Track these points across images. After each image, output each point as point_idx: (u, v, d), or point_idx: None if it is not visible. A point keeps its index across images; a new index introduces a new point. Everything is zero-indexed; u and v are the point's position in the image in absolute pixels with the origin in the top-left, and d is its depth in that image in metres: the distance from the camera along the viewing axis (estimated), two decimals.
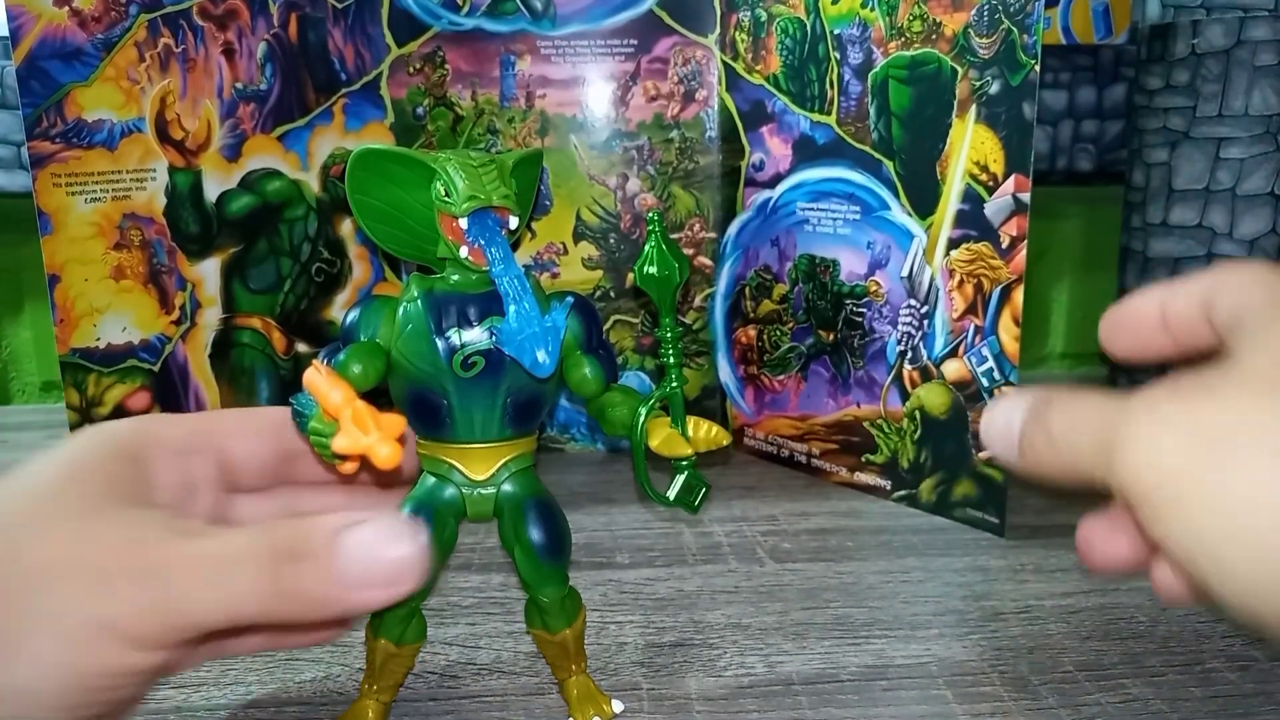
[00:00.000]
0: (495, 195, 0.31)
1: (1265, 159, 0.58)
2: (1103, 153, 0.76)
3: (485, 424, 0.32)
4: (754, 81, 0.56)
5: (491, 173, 0.31)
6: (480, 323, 0.31)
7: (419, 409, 0.32)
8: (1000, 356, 0.47)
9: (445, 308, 0.31)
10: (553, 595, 0.33)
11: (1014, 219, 0.46)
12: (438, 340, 0.31)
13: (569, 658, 0.34)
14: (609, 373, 0.33)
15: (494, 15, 0.58)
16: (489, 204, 0.31)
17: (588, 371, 0.32)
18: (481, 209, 0.31)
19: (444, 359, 0.31)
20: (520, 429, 0.33)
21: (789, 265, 0.57)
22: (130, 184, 0.50)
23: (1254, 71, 0.57)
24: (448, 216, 0.31)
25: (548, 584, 0.33)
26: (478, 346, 0.31)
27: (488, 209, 0.31)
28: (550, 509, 0.33)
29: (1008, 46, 0.45)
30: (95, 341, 0.50)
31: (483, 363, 0.31)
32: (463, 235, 0.31)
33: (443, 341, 0.31)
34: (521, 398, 0.32)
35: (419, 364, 0.31)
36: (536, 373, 0.30)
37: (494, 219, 0.31)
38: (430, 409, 0.32)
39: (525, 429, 0.33)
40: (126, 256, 0.50)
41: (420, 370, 0.31)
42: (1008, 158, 0.45)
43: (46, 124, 0.47)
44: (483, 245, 0.31)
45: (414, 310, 0.31)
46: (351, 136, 0.58)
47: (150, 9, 0.50)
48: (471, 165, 0.31)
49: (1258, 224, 0.58)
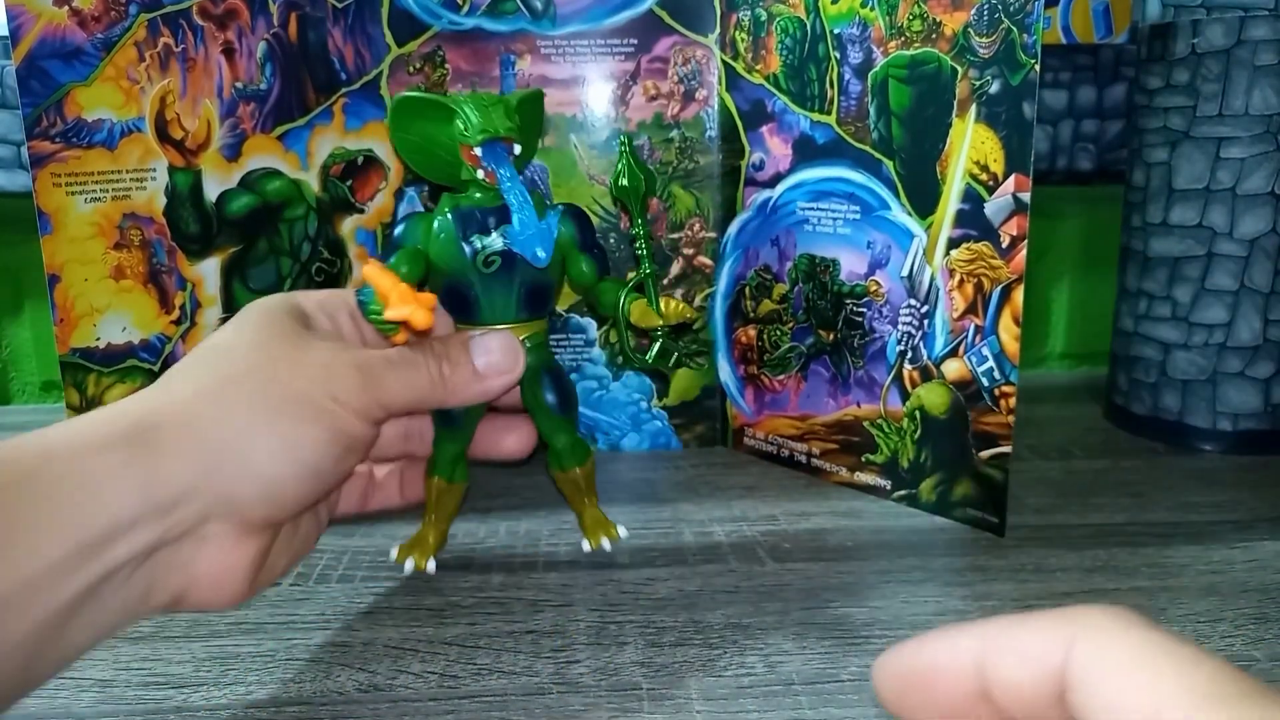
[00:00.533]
0: (502, 128, 0.39)
1: (1265, 159, 0.57)
2: (1103, 152, 0.76)
3: (504, 308, 0.41)
4: (754, 81, 0.56)
5: (499, 109, 0.39)
6: (496, 230, 0.40)
7: (452, 298, 0.41)
8: (1000, 356, 0.47)
9: (469, 219, 0.40)
10: (564, 441, 0.44)
11: (1014, 219, 0.46)
12: (464, 245, 0.40)
13: (581, 492, 0.44)
14: (601, 267, 0.42)
15: (494, 15, 0.58)
16: (497, 135, 0.39)
17: (584, 266, 0.42)
18: (492, 139, 0.39)
19: (469, 258, 0.40)
20: (533, 312, 0.42)
21: (789, 265, 0.57)
22: (130, 184, 0.50)
23: (1254, 71, 0.57)
24: (466, 146, 0.39)
25: (560, 432, 0.43)
26: (494, 247, 0.40)
27: (497, 139, 0.39)
28: (560, 375, 0.43)
29: (1008, 46, 0.45)
30: (95, 341, 0.50)
31: (499, 260, 0.40)
32: (478, 160, 0.39)
33: (468, 245, 0.40)
34: (532, 286, 0.41)
35: (450, 263, 0.40)
36: (536, 264, 0.39)
37: (502, 147, 0.39)
38: (461, 298, 0.41)
39: (537, 312, 0.42)
40: (126, 256, 0.50)
41: (452, 268, 0.40)
42: (1008, 157, 0.45)
43: (46, 124, 0.47)
44: (494, 168, 0.39)
45: (444, 222, 0.40)
46: (351, 136, 0.58)
47: (150, 9, 0.49)
48: (484, 104, 0.39)
49: (1258, 224, 0.58)
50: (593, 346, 0.62)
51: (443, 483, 0.44)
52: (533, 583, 0.44)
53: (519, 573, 0.45)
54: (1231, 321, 0.60)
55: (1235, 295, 0.59)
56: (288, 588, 0.44)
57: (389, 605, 0.42)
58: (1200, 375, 0.61)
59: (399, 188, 0.59)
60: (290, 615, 0.42)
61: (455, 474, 0.44)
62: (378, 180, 0.59)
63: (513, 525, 0.51)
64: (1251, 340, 0.60)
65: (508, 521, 0.52)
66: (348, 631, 0.40)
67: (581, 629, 0.40)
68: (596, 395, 0.62)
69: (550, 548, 0.48)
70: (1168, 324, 0.62)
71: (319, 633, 0.40)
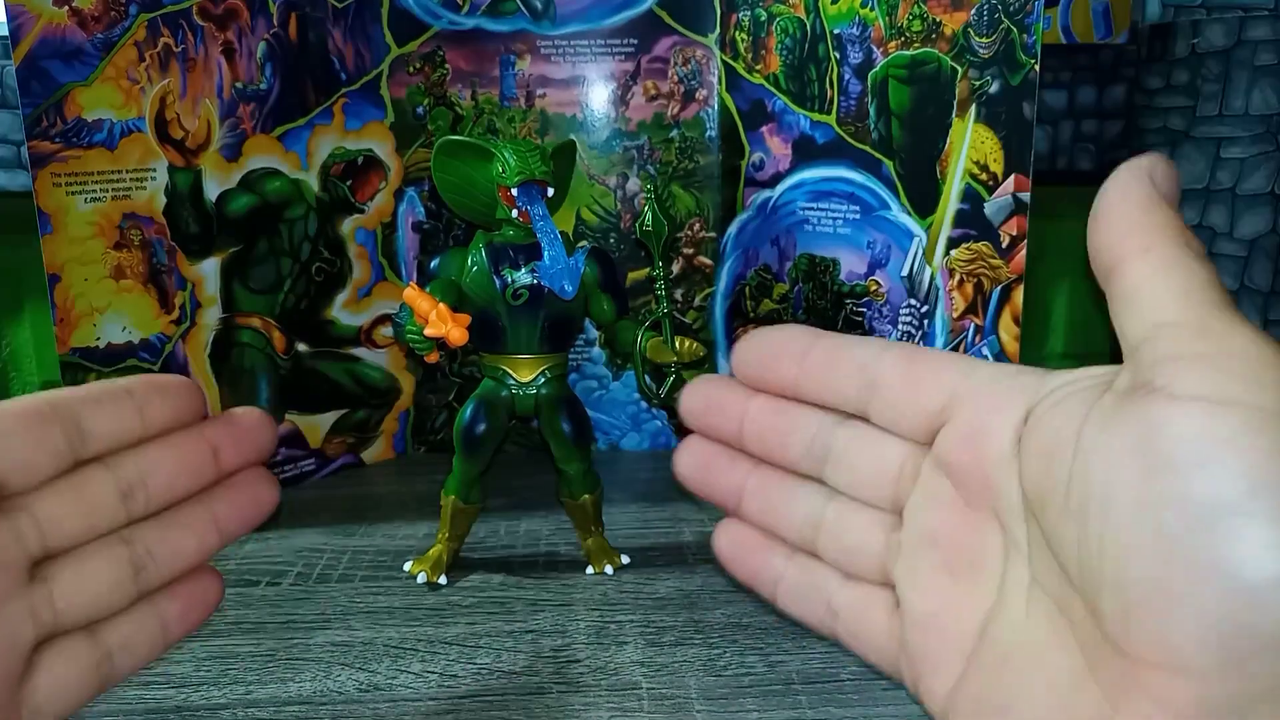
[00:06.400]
0: (538, 171, 0.42)
1: (1265, 159, 0.58)
2: (1103, 152, 0.76)
3: (529, 339, 0.44)
4: (754, 81, 0.56)
5: (535, 155, 0.42)
6: (525, 265, 0.43)
7: (482, 328, 0.43)
8: (1000, 356, 0.47)
9: (501, 254, 0.43)
10: (577, 469, 0.45)
11: (1014, 218, 0.46)
12: (495, 278, 0.43)
13: (589, 519, 0.46)
14: (620, 307, 0.46)
15: (494, 15, 0.58)
16: (533, 177, 0.42)
17: (605, 305, 0.45)
18: (528, 181, 0.42)
19: (499, 291, 0.43)
20: (555, 345, 0.45)
21: (789, 265, 0.57)
22: (130, 183, 0.50)
23: (1254, 71, 0.57)
24: (504, 187, 0.42)
25: (573, 460, 0.45)
26: (523, 282, 0.43)
27: (532, 181, 0.42)
28: (576, 406, 0.45)
29: (1007, 46, 0.45)
30: (95, 341, 0.50)
31: (527, 294, 0.43)
32: (514, 200, 0.42)
33: (499, 279, 0.43)
34: (555, 320, 0.44)
35: (482, 295, 0.43)
36: (564, 296, 0.42)
37: (537, 189, 0.42)
38: (490, 328, 0.44)
39: (559, 346, 0.45)
40: (126, 256, 0.50)
41: (483, 299, 0.43)
42: (1007, 157, 0.45)
43: (46, 124, 0.47)
44: (528, 207, 0.42)
45: (479, 257, 0.43)
46: (351, 136, 0.57)
47: (150, 9, 0.49)
48: (521, 149, 0.42)
49: (1258, 224, 0.58)
50: (593, 346, 0.62)
51: (459, 503, 0.45)
52: (533, 583, 0.44)
53: (519, 573, 0.46)
54: None
55: (1235, 295, 0.59)
56: (287, 587, 0.44)
57: (389, 605, 0.42)
58: None
59: (399, 187, 0.59)
60: (290, 615, 0.42)
61: (471, 495, 0.45)
62: (378, 180, 0.59)
63: (512, 525, 0.51)
64: None
65: (508, 521, 0.52)
66: (348, 631, 0.40)
67: (581, 629, 0.40)
68: (596, 395, 0.62)
69: (550, 548, 0.48)
70: None
71: (319, 633, 0.40)
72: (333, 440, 0.60)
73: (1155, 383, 0.19)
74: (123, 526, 0.26)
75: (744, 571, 0.29)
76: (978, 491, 0.23)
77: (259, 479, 0.29)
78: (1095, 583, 0.20)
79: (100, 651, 0.26)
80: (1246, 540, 0.17)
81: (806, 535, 0.28)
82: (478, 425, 0.44)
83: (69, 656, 0.25)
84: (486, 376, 0.45)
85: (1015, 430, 0.22)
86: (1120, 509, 0.19)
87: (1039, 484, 0.21)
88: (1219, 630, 0.17)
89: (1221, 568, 0.17)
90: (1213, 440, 0.18)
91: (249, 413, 0.29)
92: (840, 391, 0.26)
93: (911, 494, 0.25)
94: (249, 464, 0.29)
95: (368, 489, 0.57)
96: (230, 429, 0.28)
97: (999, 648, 0.23)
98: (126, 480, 0.26)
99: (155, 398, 0.27)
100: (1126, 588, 0.19)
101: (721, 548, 0.30)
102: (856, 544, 0.26)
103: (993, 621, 0.23)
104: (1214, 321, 0.19)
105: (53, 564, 0.25)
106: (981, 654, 0.23)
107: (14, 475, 0.24)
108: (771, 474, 0.29)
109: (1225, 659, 0.17)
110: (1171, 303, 0.20)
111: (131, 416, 0.26)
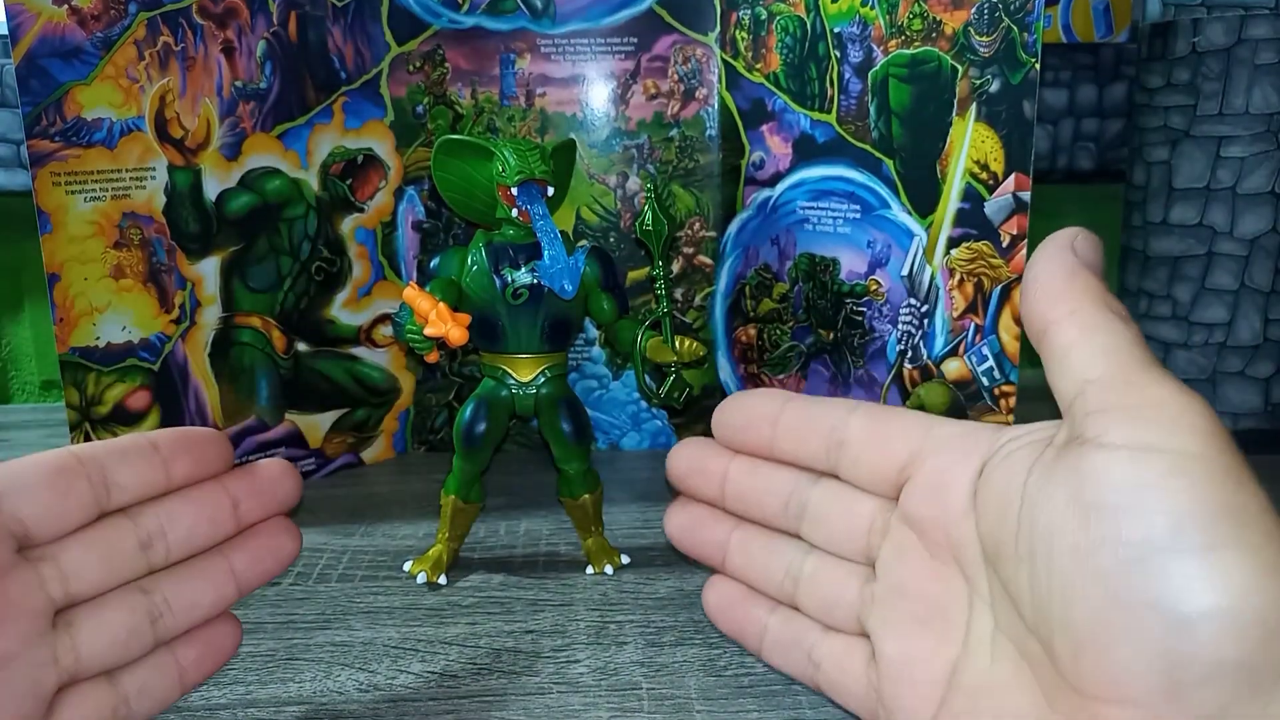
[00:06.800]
0: (538, 170, 0.42)
1: (1266, 158, 0.57)
2: (1103, 151, 0.76)
3: (529, 339, 0.43)
4: (754, 80, 0.56)
5: (535, 154, 0.42)
6: (525, 265, 0.42)
7: (482, 328, 0.43)
8: (1001, 356, 0.47)
9: (501, 254, 0.43)
10: (576, 469, 0.45)
11: (1014, 218, 0.46)
12: (495, 277, 0.42)
13: (589, 519, 0.46)
14: (620, 306, 0.45)
15: (494, 13, 0.57)
16: (533, 176, 0.41)
17: (605, 304, 0.45)
18: (528, 180, 0.41)
19: (499, 290, 0.42)
20: (555, 345, 0.44)
21: (789, 264, 0.57)
22: (130, 183, 0.50)
23: (1255, 70, 0.57)
24: (504, 186, 0.42)
25: (573, 460, 0.45)
26: (523, 281, 0.42)
27: (532, 180, 0.42)
28: (576, 406, 0.45)
29: (1008, 45, 0.45)
30: (95, 340, 0.50)
31: (527, 294, 0.42)
32: (514, 199, 0.42)
33: (498, 278, 0.42)
34: (555, 319, 0.43)
35: (481, 294, 0.43)
36: (563, 296, 0.41)
37: (537, 188, 0.42)
38: (490, 327, 0.43)
39: (558, 345, 0.44)
40: (126, 255, 0.50)
41: (482, 299, 0.43)
42: (1008, 156, 0.45)
43: (46, 122, 0.47)
44: (528, 206, 0.41)
45: (478, 256, 0.43)
46: (351, 135, 0.57)
47: (150, 7, 0.49)
48: (521, 148, 0.42)
49: (1258, 223, 0.58)
50: (593, 346, 0.62)
51: (459, 502, 0.45)
52: (533, 583, 0.44)
53: (519, 573, 0.45)
54: (1232, 321, 0.60)
55: (1235, 294, 0.59)
56: (288, 587, 0.44)
57: (389, 605, 0.42)
58: (1200, 374, 0.61)
59: (398, 186, 0.59)
60: (290, 615, 0.42)
61: (471, 494, 0.45)
62: (377, 179, 0.59)
63: (512, 525, 0.51)
64: (1252, 339, 0.60)
65: (508, 521, 0.52)
66: (348, 631, 0.40)
67: (581, 629, 0.40)
68: (596, 395, 0.62)
69: (550, 548, 0.48)
70: (1168, 323, 0.62)
71: (319, 633, 0.40)
72: (332, 440, 0.60)
73: (1086, 434, 0.20)
74: (142, 576, 0.27)
75: (731, 626, 0.32)
76: (941, 544, 0.25)
77: (280, 530, 0.30)
78: (1047, 625, 0.21)
79: (118, 697, 0.27)
80: (1176, 576, 0.18)
81: (787, 589, 0.30)
82: (477, 425, 0.44)
83: (89, 702, 0.26)
84: (486, 376, 0.45)
85: (972, 484, 0.23)
86: (1062, 553, 0.20)
87: (993, 534, 0.22)
88: (1160, 663, 0.18)
89: (1157, 604, 0.18)
90: (1139, 484, 0.19)
91: (272, 464, 0.29)
92: (811, 452, 0.28)
93: (882, 547, 0.26)
94: (270, 515, 0.30)
95: (368, 489, 0.57)
96: (252, 481, 0.29)
97: (967, 694, 0.23)
98: (147, 531, 0.27)
99: (181, 453, 0.27)
100: (1074, 628, 0.20)
101: (710, 604, 0.32)
102: (833, 596, 0.28)
103: (960, 668, 0.24)
104: (1136, 376, 0.21)
105: (75, 612, 0.26)
106: (951, 701, 0.24)
107: (41, 526, 0.25)
108: (753, 531, 0.31)
109: (1169, 690, 0.18)
110: (1097, 361, 0.21)
111: (157, 471, 0.27)
